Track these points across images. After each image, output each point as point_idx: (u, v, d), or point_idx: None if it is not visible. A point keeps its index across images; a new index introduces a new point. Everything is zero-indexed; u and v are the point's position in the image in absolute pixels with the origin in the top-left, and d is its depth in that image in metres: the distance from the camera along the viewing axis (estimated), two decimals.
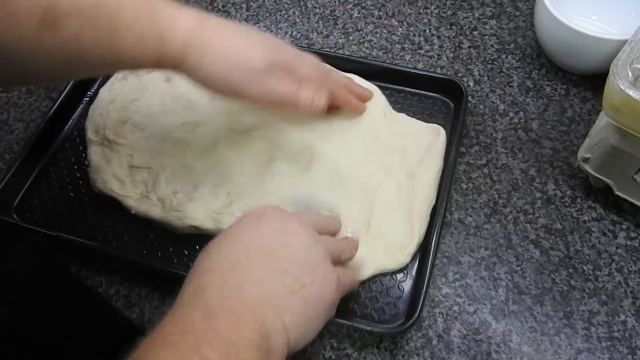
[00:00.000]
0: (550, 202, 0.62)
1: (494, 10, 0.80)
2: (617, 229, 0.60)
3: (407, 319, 0.53)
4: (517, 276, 0.57)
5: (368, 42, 0.77)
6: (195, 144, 0.61)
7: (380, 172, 0.59)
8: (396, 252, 0.56)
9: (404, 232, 0.57)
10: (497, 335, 0.54)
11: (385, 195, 0.58)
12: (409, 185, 0.59)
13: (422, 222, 0.57)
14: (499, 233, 0.60)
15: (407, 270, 0.57)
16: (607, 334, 0.54)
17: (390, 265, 0.56)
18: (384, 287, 0.56)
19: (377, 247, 0.56)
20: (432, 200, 0.59)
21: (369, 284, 0.56)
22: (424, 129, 0.63)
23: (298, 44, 0.77)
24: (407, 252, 0.56)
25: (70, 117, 0.69)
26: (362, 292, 0.55)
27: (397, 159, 0.60)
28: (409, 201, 0.58)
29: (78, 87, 0.70)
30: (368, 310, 0.55)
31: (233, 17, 0.81)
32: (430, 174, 0.59)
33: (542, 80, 0.72)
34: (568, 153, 0.65)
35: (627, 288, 0.56)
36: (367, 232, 0.57)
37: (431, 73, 0.70)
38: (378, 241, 0.56)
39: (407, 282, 0.56)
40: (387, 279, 0.56)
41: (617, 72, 0.51)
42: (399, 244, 0.56)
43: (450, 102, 0.68)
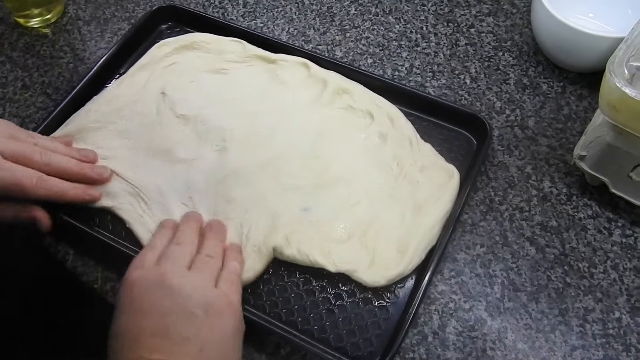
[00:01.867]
0: (546, 199, 0.62)
1: (491, 8, 0.80)
2: (612, 227, 0.60)
3: (382, 359, 0.51)
4: (512, 273, 0.57)
5: (365, 39, 0.77)
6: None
7: (388, 200, 0.58)
8: (377, 270, 0.54)
9: (393, 259, 0.55)
10: (493, 332, 0.54)
11: (386, 221, 0.57)
12: (413, 219, 0.57)
13: (414, 259, 0.55)
14: (494, 230, 0.60)
15: (390, 309, 0.54)
16: (602, 331, 0.54)
17: (365, 277, 0.54)
18: (364, 322, 0.53)
19: (363, 255, 0.55)
20: (433, 241, 0.56)
21: (350, 316, 0.54)
22: (439, 167, 0.61)
23: (295, 40, 0.77)
24: (387, 275, 0.54)
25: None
26: (341, 323, 0.53)
27: (408, 190, 0.59)
28: (408, 234, 0.56)
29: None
30: (343, 344, 0.52)
31: (230, 14, 0.80)
32: (438, 214, 0.57)
33: (539, 77, 0.72)
34: (564, 151, 0.65)
35: (622, 285, 0.57)
36: (359, 238, 0.56)
37: (455, 105, 0.67)
38: (367, 251, 0.55)
39: (389, 321, 0.53)
40: (369, 314, 0.54)
41: (613, 69, 0.51)
42: (384, 265, 0.55)
43: (474, 140, 0.65)
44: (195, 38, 0.72)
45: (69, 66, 0.75)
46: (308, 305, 0.54)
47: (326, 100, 0.65)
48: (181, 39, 0.72)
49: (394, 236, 0.56)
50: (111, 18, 0.80)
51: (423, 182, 0.60)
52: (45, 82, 0.73)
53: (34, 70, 0.74)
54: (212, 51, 0.71)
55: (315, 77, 0.67)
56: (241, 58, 0.70)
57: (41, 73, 0.74)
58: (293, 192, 0.59)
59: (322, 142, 0.62)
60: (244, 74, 0.69)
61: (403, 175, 0.60)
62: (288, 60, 0.69)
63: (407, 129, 0.63)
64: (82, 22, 0.80)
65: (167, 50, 0.71)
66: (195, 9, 0.79)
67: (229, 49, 0.71)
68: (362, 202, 0.58)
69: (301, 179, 0.59)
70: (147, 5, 0.81)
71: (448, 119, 0.66)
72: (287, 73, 0.68)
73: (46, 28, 0.79)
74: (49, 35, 0.78)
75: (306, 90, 0.67)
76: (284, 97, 0.66)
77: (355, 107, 0.65)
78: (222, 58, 0.70)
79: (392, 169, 0.60)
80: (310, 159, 0.61)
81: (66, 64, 0.75)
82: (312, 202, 0.58)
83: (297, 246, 0.55)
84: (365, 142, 0.62)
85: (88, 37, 0.78)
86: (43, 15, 0.79)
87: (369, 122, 0.64)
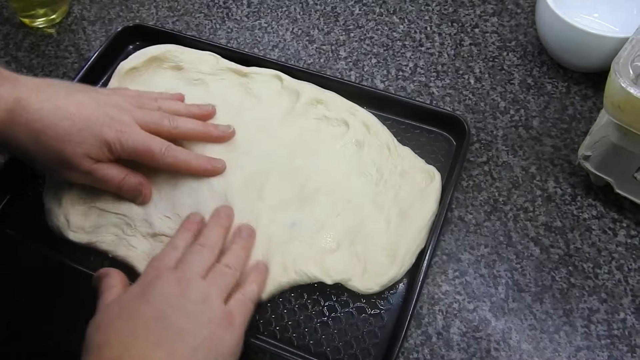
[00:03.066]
0: (551, 199, 0.62)
1: (496, 8, 0.80)
2: (617, 227, 0.60)
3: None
4: (517, 274, 0.57)
5: (369, 39, 0.77)
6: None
7: (371, 207, 0.58)
8: (370, 276, 0.54)
9: (384, 264, 0.54)
10: (497, 332, 0.54)
11: (372, 228, 0.57)
12: (400, 224, 0.56)
13: (406, 262, 0.54)
14: (499, 231, 0.60)
15: (385, 316, 0.54)
16: (607, 331, 0.54)
17: (358, 285, 0.53)
18: (360, 332, 0.53)
19: (354, 263, 0.55)
20: (422, 243, 0.56)
21: (345, 327, 0.53)
22: (420, 169, 0.61)
23: (299, 40, 0.77)
24: (379, 281, 0.53)
25: None
26: (337, 335, 0.53)
27: (390, 195, 0.59)
28: (396, 239, 0.55)
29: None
30: (341, 356, 0.52)
31: (234, 14, 0.80)
32: (423, 217, 0.56)
33: (543, 77, 0.72)
34: (569, 151, 0.65)
35: (627, 286, 0.56)
36: (348, 247, 0.55)
37: (434, 107, 0.67)
38: (358, 259, 0.55)
39: (384, 329, 0.53)
40: (364, 324, 0.53)
41: (618, 69, 0.51)
42: (375, 272, 0.54)
43: (453, 140, 0.64)
44: (165, 48, 0.69)
45: (74, 66, 0.75)
46: (302, 320, 0.54)
47: (300, 111, 0.64)
48: (149, 51, 0.69)
49: (382, 242, 0.56)
50: (116, 18, 0.80)
51: (405, 186, 0.59)
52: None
53: (39, 70, 0.75)
54: (184, 61, 0.68)
55: (288, 88, 0.66)
56: (213, 70, 0.68)
57: (46, 73, 0.74)
58: (280, 208, 0.57)
59: (300, 153, 0.61)
60: (218, 87, 0.67)
61: (384, 181, 0.59)
62: (260, 72, 0.67)
63: (384, 135, 0.63)
64: (86, 22, 0.80)
65: (134, 64, 0.67)
66: (166, 27, 0.77)
67: (202, 61, 0.68)
68: (346, 211, 0.57)
69: (284, 194, 0.58)
70: (151, 5, 0.81)
71: (425, 120, 0.65)
72: (260, 86, 0.66)
73: (51, 28, 0.79)
74: (53, 36, 0.79)
75: (280, 102, 0.65)
76: (257, 110, 0.64)
77: (330, 117, 0.63)
78: (196, 69, 0.68)
79: (372, 176, 0.60)
80: (289, 172, 0.60)
81: (71, 64, 0.75)
82: (298, 216, 0.57)
83: (294, 268, 0.54)
84: (342, 150, 0.61)
85: (93, 37, 0.78)
86: (48, 15, 0.79)
87: (344, 130, 0.63)
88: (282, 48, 0.76)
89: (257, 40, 0.77)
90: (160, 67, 0.69)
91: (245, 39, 0.77)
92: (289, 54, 0.75)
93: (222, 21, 0.80)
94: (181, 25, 0.79)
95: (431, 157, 0.63)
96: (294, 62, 0.74)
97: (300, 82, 0.67)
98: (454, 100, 0.70)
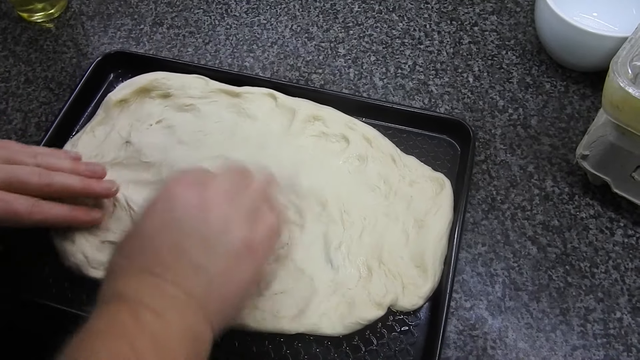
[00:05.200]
0: (548, 198, 0.62)
1: (495, 6, 0.80)
2: (614, 227, 0.60)
3: None
4: (514, 272, 0.57)
5: (368, 36, 0.77)
6: None
7: (386, 220, 0.57)
8: (410, 291, 0.53)
9: (417, 276, 0.54)
10: (493, 331, 0.54)
11: (392, 241, 0.56)
12: (418, 234, 0.56)
13: (437, 270, 0.54)
14: (496, 229, 0.60)
15: (414, 331, 0.53)
16: (603, 331, 0.54)
17: (405, 303, 0.53)
18: (392, 352, 0.52)
19: (391, 282, 0.54)
20: (445, 250, 0.56)
21: (376, 348, 0.52)
22: (428, 178, 0.60)
23: (298, 37, 0.77)
24: (421, 293, 0.53)
25: None
26: (369, 356, 0.52)
27: (402, 206, 0.58)
28: (419, 249, 0.55)
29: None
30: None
31: (233, 10, 0.80)
32: (441, 224, 0.56)
33: (542, 76, 0.72)
34: (567, 150, 0.65)
35: (624, 285, 0.57)
36: (379, 266, 0.55)
37: (435, 113, 0.67)
38: (394, 277, 0.54)
39: (416, 345, 0.52)
40: (394, 342, 0.52)
41: (616, 69, 0.51)
42: (413, 285, 0.54)
43: (457, 145, 0.64)
44: (152, 77, 0.67)
45: (72, 61, 0.75)
46: (331, 346, 0.53)
47: (297, 129, 0.62)
48: (135, 82, 0.67)
49: (406, 254, 0.55)
50: (114, 13, 0.80)
51: (416, 196, 0.59)
52: (49, 76, 0.73)
53: (37, 64, 0.75)
54: (173, 87, 0.66)
55: (283, 106, 0.64)
56: (204, 93, 0.66)
57: (44, 68, 0.74)
58: (313, 241, 0.56)
59: (304, 173, 0.60)
60: (210, 110, 0.65)
61: (393, 193, 0.59)
62: (253, 92, 0.66)
63: (387, 147, 0.62)
64: (85, 17, 0.80)
65: (123, 95, 0.66)
66: (148, 52, 0.75)
67: (191, 85, 0.66)
68: (366, 230, 0.56)
69: (310, 220, 0.57)
70: (150, 0, 0.81)
71: (427, 126, 0.65)
72: (254, 105, 0.65)
73: (49, 23, 0.79)
74: (52, 30, 0.78)
75: (275, 121, 0.64)
76: (253, 130, 0.63)
77: (328, 133, 0.62)
78: (185, 94, 0.66)
79: (380, 189, 0.59)
80: (304, 195, 0.58)
81: (69, 58, 0.75)
82: (331, 247, 0.55)
83: (343, 323, 0.52)
84: (345, 166, 0.60)
85: (91, 32, 0.78)
86: (46, 9, 0.79)
87: (344, 146, 0.62)
88: (281, 45, 0.76)
89: (256, 37, 0.77)
90: (147, 96, 0.67)
91: (244, 35, 0.77)
92: (287, 51, 0.75)
93: (221, 17, 0.80)
94: (180, 21, 0.79)
95: (437, 164, 0.63)
96: (288, 71, 0.74)
97: (295, 99, 0.65)
98: (453, 99, 0.70)
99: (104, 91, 0.69)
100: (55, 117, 0.65)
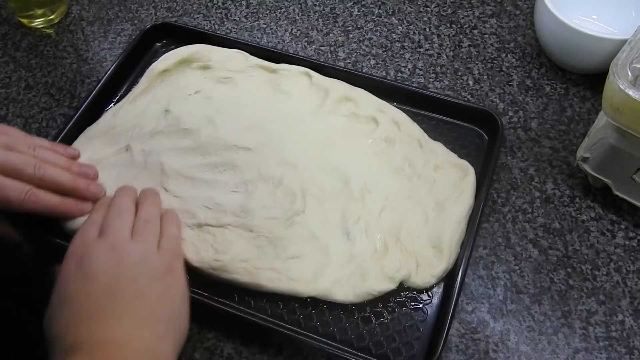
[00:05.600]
0: (549, 201, 0.62)
1: (494, 9, 0.80)
2: (615, 229, 0.60)
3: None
4: (515, 275, 0.57)
5: (368, 40, 0.77)
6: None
7: (408, 202, 0.58)
8: (424, 270, 0.55)
9: (433, 256, 0.55)
10: (495, 334, 0.54)
11: (412, 222, 0.57)
12: (438, 216, 0.57)
13: (453, 252, 0.55)
14: (497, 232, 0.60)
15: (426, 309, 0.54)
16: (605, 333, 0.54)
17: (417, 280, 0.54)
18: (402, 326, 0.53)
19: (406, 259, 0.55)
20: (462, 234, 0.57)
21: (387, 321, 0.53)
22: (453, 164, 0.61)
23: (298, 41, 0.77)
24: (434, 273, 0.54)
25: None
26: (380, 329, 0.53)
27: (425, 190, 0.59)
28: (437, 232, 0.56)
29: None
30: (384, 350, 0.52)
31: (233, 15, 0.80)
32: (461, 210, 0.57)
33: (542, 79, 0.72)
34: (567, 152, 0.65)
35: (625, 288, 0.56)
36: (396, 243, 0.56)
37: (465, 102, 0.68)
38: (409, 255, 0.55)
39: (426, 323, 0.53)
40: (405, 318, 0.54)
41: (616, 71, 0.51)
42: (427, 264, 0.55)
43: (485, 135, 0.65)
44: (195, 49, 0.70)
45: (72, 67, 0.75)
46: (343, 314, 0.54)
47: (329, 108, 0.65)
48: (179, 52, 0.70)
49: (423, 235, 0.57)
50: (114, 19, 0.80)
51: (439, 180, 0.60)
52: (49, 82, 0.73)
53: (37, 70, 0.75)
54: (213, 60, 0.69)
55: (317, 85, 0.66)
56: (242, 68, 0.69)
57: (44, 73, 0.74)
58: (330, 213, 0.57)
59: (332, 150, 0.61)
60: (247, 84, 0.67)
61: (417, 176, 0.60)
62: (290, 69, 0.68)
63: (415, 131, 0.63)
64: (85, 22, 0.80)
65: (166, 65, 0.69)
66: (190, 24, 0.78)
67: (231, 59, 0.69)
68: (387, 208, 0.58)
69: (326, 191, 0.58)
70: (150, 5, 0.81)
71: (456, 115, 0.66)
72: (289, 82, 0.67)
73: (50, 28, 0.79)
74: (52, 36, 0.79)
75: (309, 99, 0.66)
76: (287, 106, 0.65)
77: (359, 114, 0.64)
78: (224, 67, 0.68)
79: (405, 171, 0.60)
80: (326, 169, 0.60)
81: (69, 64, 0.75)
82: (349, 221, 0.57)
83: (354, 292, 0.54)
84: (372, 147, 0.62)
85: (91, 38, 0.78)
86: (46, 15, 0.79)
87: (373, 127, 0.63)
88: (281, 49, 0.76)
89: (256, 41, 0.77)
90: (188, 67, 0.70)
91: (244, 40, 0.77)
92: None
93: (221, 22, 0.80)
94: None
95: (463, 152, 0.64)
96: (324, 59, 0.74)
97: (330, 79, 0.67)
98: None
99: (144, 60, 0.72)
100: (97, 84, 0.68)
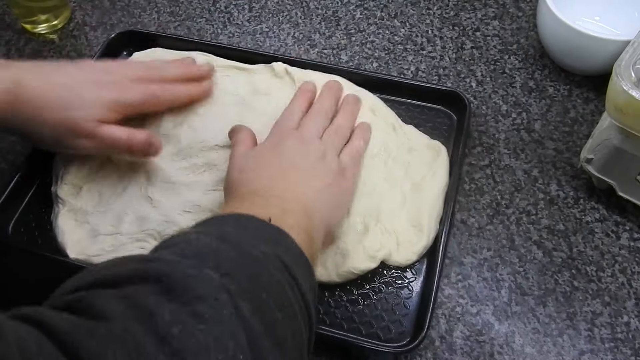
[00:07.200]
0: (553, 203, 0.62)
1: (497, 11, 0.80)
2: (620, 230, 0.60)
3: (414, 337, 0.52)
4: (519, 277, 0.57)
5: (370, 43, 0.77)
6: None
7: (384, 184, 0.59)
8: (405, 248, 0.57)
9: (413, 234, 0.57)
10: (500, 336, 0.54)
11: (390, 203, 0.58)
12: (415, 196, 0.59)
13: (432, 228, 0.57)
14: (501, 234, 0.60)
15: (411, 287, 0.56)
16: (611, 335, 0.54)
17: (399, 258, 0.56)
18: (389, 305, 0.55)
19: (387, 239, 0.56)
20: (440, 211, 0.59)
21: (374, 302, 0.55)
22: (426, 145, 0.63)
23: (300, 45, 0.77)
24: (415, 250, 0.56)
25: None
26: (367, 310, 0.55)
27: (401, 172, 0.61)
28: (416, 210, 0.58)
29: None
30: (374, 329, 0.54)
31: (235, 19, 0.81)
32: (437, 187, 0.59)
33: (545, 81, 0.72)
34: (571, 154, 0.65)
35: (631, 289, 0.56)
36: (376, 224, 0.57)
37: (432, 85, 0.70)
38: (389, 234, 0.57)
39: (412, 300, 0.55)
40: (392, 297, 0.55)
41: (620, 72, 0.51)
42: (408, 242, 0.57)
43: (453, 115, 0.67)
44: (152, 53, 0.69)
45: None
46: (332, 300, 0.55)
47: None
48: (134, 57, 0.69)
49: (403, 215, 0.58)
50: (117, 24, 0.80)
51: (414, 162, 0.62)
52: None
53: None
54: None
55: (294, 79, 0.66)
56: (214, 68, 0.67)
57: None
58: None
59: None
60: (224, 83, 0.66)
61: (392, 159, 0.61)
62: (260, 66, 0.68)
63: (389, 116, 0.65)
64: (88, 27, 0.80)
65: None
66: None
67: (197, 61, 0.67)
68: (363, 192, 0.59)
69: None
70: (153, 10, 0.82)
71: (425, 98, 0.68)
72: (262, 78, 0.67)
73: (53, 34, 0.80)
74: (55, 41, 0.79)
75: (283, 92, 0.64)
76: (263, 102, 0.64)
77: None
78: None
79: (380, 155, 0.61)
80: None
81: None
82: None
83: (337, 272, 0.55)
84: None
85: (95, 43, 0.78)
86: (50, 21, 0.79)
87: None
88: (284, 53, 0.76)
89: (258, 45, 0.77)
90: None
91: (247, 43, 0.77)
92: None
93: (223, 26, 0.80)
94: (182, 31, 0.79)
95: (434, 133, 0.66)
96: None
97: (306, 70, 0.67)
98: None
99: None
100: None
